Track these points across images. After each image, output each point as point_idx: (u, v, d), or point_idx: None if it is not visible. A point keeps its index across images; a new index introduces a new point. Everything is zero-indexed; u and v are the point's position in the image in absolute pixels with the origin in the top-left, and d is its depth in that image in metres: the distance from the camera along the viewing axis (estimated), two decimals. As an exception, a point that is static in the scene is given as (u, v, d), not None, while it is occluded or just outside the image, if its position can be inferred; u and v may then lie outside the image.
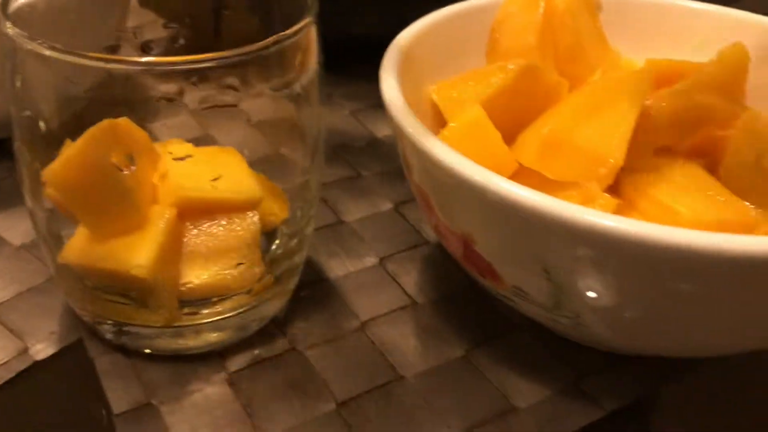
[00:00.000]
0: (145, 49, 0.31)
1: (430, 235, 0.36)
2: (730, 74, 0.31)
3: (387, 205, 0.38)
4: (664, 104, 0.30)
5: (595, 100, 0.29)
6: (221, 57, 0.22)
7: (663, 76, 0.33)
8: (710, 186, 0.29)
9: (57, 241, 0.28)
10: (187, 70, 0.23)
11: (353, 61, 0.48)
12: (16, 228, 0.35)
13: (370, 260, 0.34)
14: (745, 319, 0.24)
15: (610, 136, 0.28)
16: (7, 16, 0.24)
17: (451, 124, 0.29)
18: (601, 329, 0.26)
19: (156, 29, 0.33)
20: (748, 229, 0.28)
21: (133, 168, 0.25)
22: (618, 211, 0.28)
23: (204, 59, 0.22)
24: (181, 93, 0.25)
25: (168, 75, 0.23)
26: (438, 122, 0.33)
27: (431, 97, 0.32)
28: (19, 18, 0.26)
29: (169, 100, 0.25)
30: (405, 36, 0.32)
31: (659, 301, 0.23)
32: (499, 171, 0.29)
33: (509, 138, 0.31)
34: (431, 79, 0.33)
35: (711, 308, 0.23)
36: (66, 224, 0.28)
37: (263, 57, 0.23)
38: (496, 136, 0.29)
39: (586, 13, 0.35)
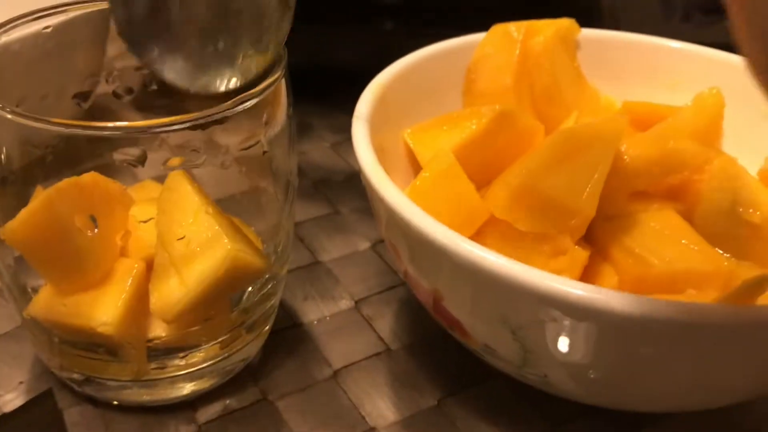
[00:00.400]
0: (117, 95, 0.30)
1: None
2: (706, 119, 0.31)
3: (364, 244, 0.38)
4: (638, 149, 0.30)
5: (567, 148, 0.29)
6: (185, 120, 0.22)
7: (638, 119, 0.33)
8: (684, 234, 0.29)
9: (22, 292, 0.28)
10: (151, 134, 0.22)
11: (336, 89, 0.48)
12: (-11, 270, 0.35)
13: (346, 303, 0.34)
14: (707, 379, 0.24)
15: (581, 186, 0.28)
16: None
17: (423, 174, 0.29)
18: (569, 386, 0.26)
19: (129, 73, 0.33)
20: (722, 279, 0.28)
21: (96, 230, 0.25)
22: (590, 261, 0.28)
23: (169, 123, 0.22)
24: (143, 159, 0.24)
25: (131, 139, 0.23)
26: (414, 165, 0.33)
27: (406, 142, 0.32)
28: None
29: (133, 165, 0.24)
30: (381, 79, 0.32)
31: (622, 362, 0.23)
32: (470, 221, 0.29)
33: (484, 183, 0.31)
34: (409, 119, 0.33)
35: (673, 369, 0.23)
36: (32, 274, 0.28)
37: (229, 116, 0.23)
38: (468, 186, 0.29)
39: (563, 53, 0.35)
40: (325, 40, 0.48)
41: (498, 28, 0.35)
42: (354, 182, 0.42)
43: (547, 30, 0.34)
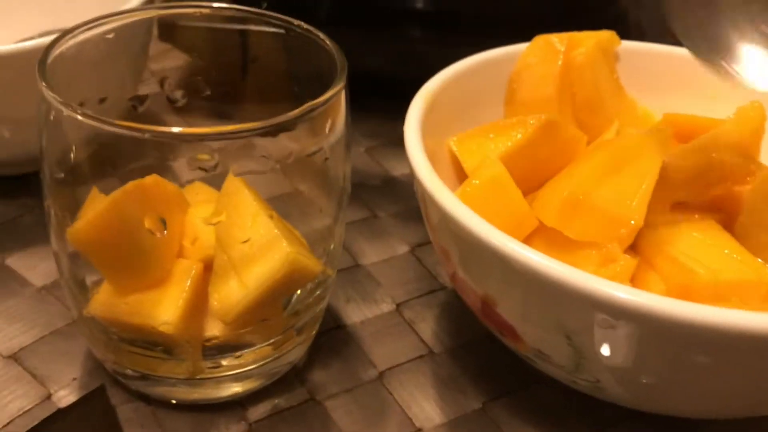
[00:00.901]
0: (171, 99, 0.31)
1: (446, 279, 0.36)
2: (747, 132, 0.32)
3: (403, 248, 0.38)
4: (681, 161, 0.31)
5: (615, 159, 0.29)
6: (255, 128, 0.23)
7: (680, 131, 0.34)
8: (726, 244, 0.30)
9: (81, 287, 0.29)
10: (223, 139, 0.23)
11: (370, 94, 0.49)
12: (38, 268, 0.35)
13: (387, 306, 0.35)
14: (759, 388, 0.24)
15: (630, 197, 0.28)
16: (44, 77, 0.25)
17: (472, 181, 0.30)
18: (620, 392, 0.26)
19: (181, 76, 0.34)
20: (765, 288, 0.28)
21: (165, 232, 0.26)
22: (637, 270, 0.29)
23: (234, 131, 0.23)
24: (215, 165, 0.25)
25: (196, 144, 0.23)
26: (458, 172, 0.33)
27: (452, 149, 0.33)
28: (52, 68, 0.26)
29: (205, 170, 0.25)
30: (428, 87, 0.33)
31: (675, 369, 0.24)
32: (519, 229, 0.29)
33: (527, 191, 0.31)
34: (453, 127, 0.34)
35: (727, 378, 0.24)
36: (90, 270, 0.28)
37: (297, 124, 0.24)
38: (517, 193, 0.29)
39: (604, 65, 0.35)
40: (355, 45, 0.48)
41: (540, 39, 0.35)
42: (390, 186, 0.43)
43: (589, 41, 0.35)
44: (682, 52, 0.37)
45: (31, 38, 0.47)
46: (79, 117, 0.23)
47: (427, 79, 0.35)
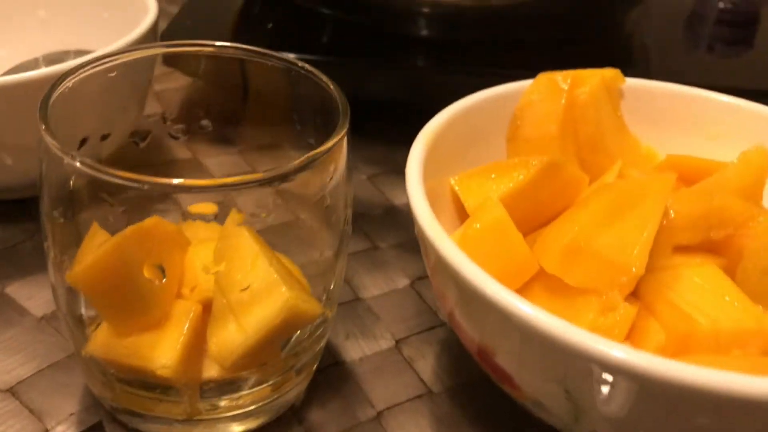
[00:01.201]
0: (173, 136, 0.31)
1: (444, 315, 0.36)
2: (751, 177, 0.32)
3: (403, 281, 0.38)
4: (684, 206, 0.30)
5: (617, 204, 0.29)
6: (255, 180, 0.23)
7: (683, 173, 0.34)
8: (727, 290, 0.29)
9: (78, 323, 0.29)
10: (219, 191, 0.23)
11: (370, 122, 0.49)
12: (38, 297, 0.35)
13: (386, 343, 0.35)
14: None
15: (632, 245, 0.28)
16: (45, 120, 0.25)
17: (473, 224, 0.30)
18: (618, 445, 0.26)
19: (183, 98, 0.34)
20: (765, 336, 0.28)
21: (164, 280, 0.26)
22: (637, 318, 0.28)
23: (239, 182, 0.23)
24: (217, 214, 0.25)
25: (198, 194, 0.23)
26: (460, 210, 0.33)
27: (453, 188, 0.33)
28: (54, 106, 0.26)
29: (206, 221, 0.25)
30: (430, 127, 0.32)
31: (674, 427, 0.24)
32: (520, 273, 0.29)
33: (528, 231, 0.31)
34: (456, 165, 0.34)
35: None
36: (88, 305, 0.28)
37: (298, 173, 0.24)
38: (518, 237, 0.29)
39: (607, 103, 0.35)
40: (359, 73, 0.49)
41: (544, 77, 0.35)
42: (392, 216, 0.43)
43: (593, 80, 0.35)
44: (687, 90, 0.37)
45: (35, 59, 0.47)
46: (78, 165, 0.23)
47: (430, 106, 0.35)
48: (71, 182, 0.25)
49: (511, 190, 0.31)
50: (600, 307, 0.28)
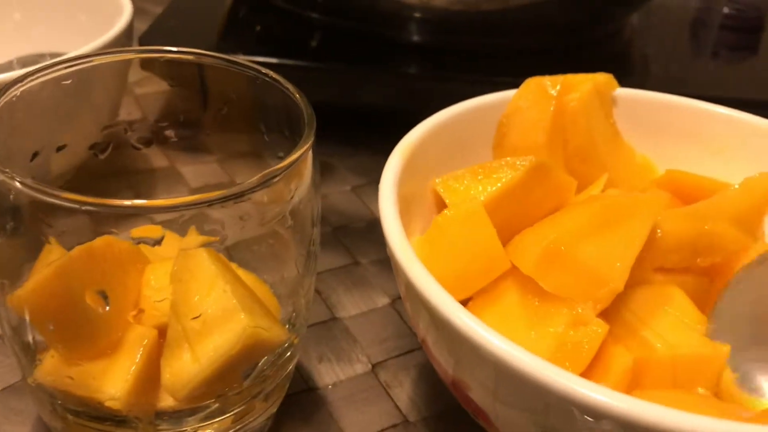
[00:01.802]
0: (135, 147, 0.29)
1: (427, 337, 0.34)
2: (751, 205, 0.30)
3: (383, 300, 0.36)
4: (673, 226, 0.29)
5: (604, 216, 0.27)
6: (207, 199, 0.21)
7: (681, 189, 0.32)
8: (689, 315, 0.28)
9: (26, 349, 0.27)
10: (173, 212, 0.21)
11: (358, 130, 0.47)
12: (-4, 314, 0.34)
13: (362, 367, 0.33)
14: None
15: (614, 258, 0.26)
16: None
17: (446, 212, 0.28)
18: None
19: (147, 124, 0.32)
20: (719, 363, 0.27)
21: (107, 308, 0.24)
22: (606, 339, 0.26)
23: (193, 202, 0.21)
24: (161, 240, 0.23)
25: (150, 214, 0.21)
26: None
27: (436, 190, 0.31)
28: (2, 116, 0.24)
29: (150, 245, 0.23)
30: (408, 140, 0.31)
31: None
32: (489, 269, 0.27)
33: (510, 236, 0.29)
34: (437, 173, 0.32)
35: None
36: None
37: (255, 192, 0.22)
38: (491, 231, 0.27)
39: (599, 110, 0.34)
40: (348, 80, 0.47)
41: (532, 82, 0.33)
42: (374, 230, 0.41)
43: (584, 86, 0.33)
44: (688, 102, 0.35)
45: (9, 62, 0.45)
46: (17, 185, 0.21)
47: (420, 113, 0.33)
48: (12, 201, 0.23)
49: (496, 192, 0.29)
50: (571, 319, 0.26)
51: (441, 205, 0.31)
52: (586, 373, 0.25)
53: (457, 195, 0.30)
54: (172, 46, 0.28)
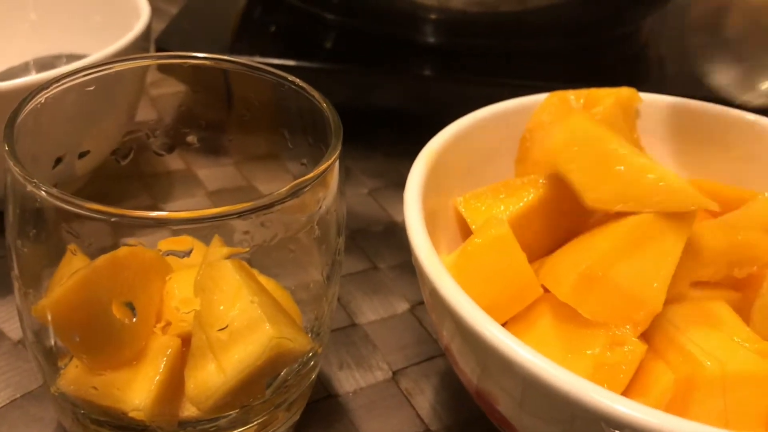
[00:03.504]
0: (158, 153, 0.29)
1: (447, 344, 0.34)
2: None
3: (403, 306, 0.36)
4: (706, 239, 0.28)
5: (637, 236, 0.27)
6: (237, 211, 0.21)
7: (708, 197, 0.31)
8: (737, 330, 0.27)
9: (48, 355, 0.26)
10: (201, 224, 0.21)
11: (374, 132, 0.47)
12: (16, 319, 0.33)
13: (383, 374, 0.33)
14: None
15: (650, 279, 0.26)
16: (10, 142, 0.23)
17: (474, 239, 0.27)
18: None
19: (172, 124, 0.32)
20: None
21: (134, 319, 0.24)
22: (645, 357, 0.26)
23: (222, 213, 0.21)
24: (190, 251, 0.23)
25: (176, 225, 0.21)
26: (464, 232, 0.31)
27: (458, 209, 0.31)
28: (26, 124, 0.24)
29: (179, 257, 0.23)
30: (433, 145, 0.30)
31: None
32: (521, 296, 0.27)
33: (537, 255, 0.29)
34: (458, 185, 0.32)
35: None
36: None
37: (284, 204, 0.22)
38: (522, 257, 0.27)
39: (623, 124, 0.33)
40: (363, 82, 0.47)
41: (555, 96, 0.33)
42: (393, 234, 0.41)
43: (608, 100, 0.33)
44: (711, 107, 0.35)
45: (25, 63, 0.45)
46: (43, 194, 0.21)
47: (436, 115, 0.33)
48: (38, 208, 0.23)
49: (519, 211, 0.29)
50: (608, 341, 0.25)
51: (464, 220, 0.31)
52: (627, 393, 0.25)
53: (479, 215, 0.30)
54: (188, 48, 0.28)
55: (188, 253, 0.23)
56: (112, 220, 0.21)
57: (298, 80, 0.27)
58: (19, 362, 0.32)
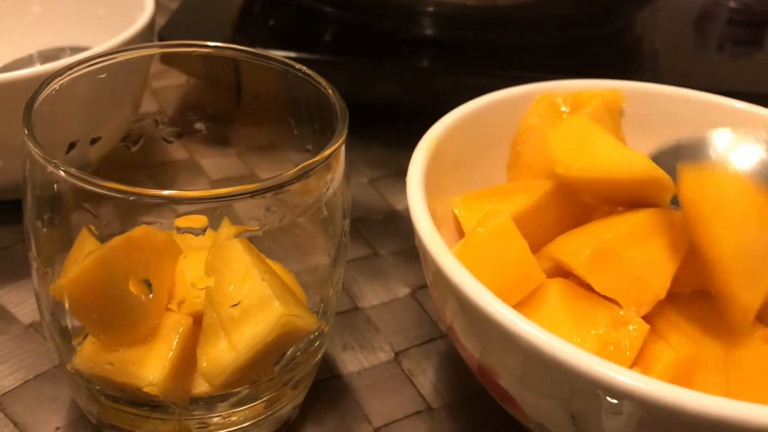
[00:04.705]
0: (166, 140, 0.30)
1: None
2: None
3: (403, 290, 0.37)
4: None
5: (646, 227, 0.28)
6: (249, 191, 0.22)
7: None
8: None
9: (63, 334, 0.27)
10: (213, 203, 0.22)
11: (373, 123, 0.48)
12: (27, 303, 0.34)
13: (385, 355, 0.33)
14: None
15: (658, 266, 0.27)
16: (29, 126, 0.24)
17: (477, 229, 0.28)
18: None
19: (177, 97, 0.32)
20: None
21: (150, 296, 0.24)
22: (648, 340, 0.27)
23: (233, 193, 0.22)
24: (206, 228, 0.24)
25: (190, 205, 0.22)
26: (460, 229, 0.32)
27: (453, 210, 0.32)
28: (41, 110, 0.25)
29: (195, 234, 0.24)
30: (433, 132, 0.31)
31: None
32: (524, 282, 0.28)
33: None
34: (458, 171, 0.32)
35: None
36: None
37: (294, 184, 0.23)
38: (523, 244, 0.28)
39: (609, 125, 0.34)
40: (361, 74, 0.47)
41: (543, 100, 0.34)
42: (393, 221, 0.42)
43: (594, 101, 0.34)
44: (702, 96, 0.36)
45: (29, 56, 0.46)
46: (62, 174, 0.22)
47: (433, 107, 0.34)
48: (56, 191, 0.23)
49: (515, 214, 0.30)
50: (612, 320, 0.27)
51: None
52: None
53: (474, 216, 0.31)
54: (192, 40, 0.29)
55: (203, 231, 0.24)
56: (131, 198, 0.22)
57: (304, 68, 0.28)
58: (31, 344, 0.32)
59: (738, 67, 0.54)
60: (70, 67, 0.26)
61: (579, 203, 0.30)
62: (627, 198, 0.29)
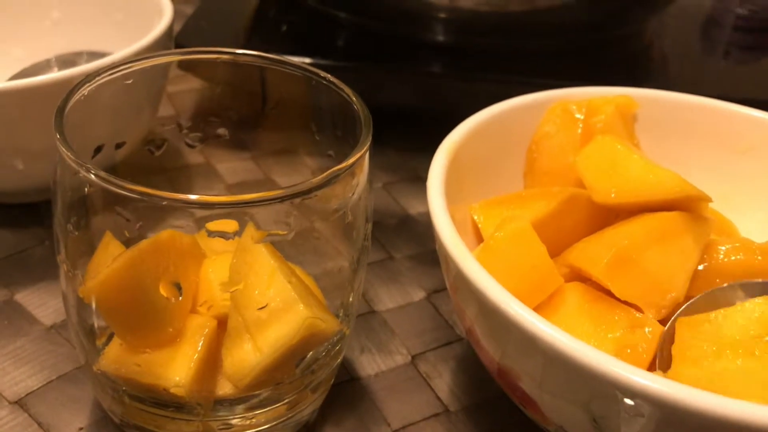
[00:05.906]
0: (189, 145, 0.30)
1: (462, 330, 0.35)
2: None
3: (419, 294, 0.37)
4: (728, 254, 0.30)
5: (662, 231, 0.28)
6: (276, 197, 0.22)
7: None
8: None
9: (89, 334, 0.28)
10: (239, 208, 0.22)
11: (386, 128, 0.48)
12: (48, 305, 0.35)
13: (402, 358, 0.34)
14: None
15: (676, 270, 0.28)
16: (61, 130, 0.24)
17: (496, 233, 0.29)
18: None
19: (197, 102, 0.33)
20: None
21: (180, 298, 0.25)
22: (660, 341, 0.28)
23: (260, 198, 0.22)
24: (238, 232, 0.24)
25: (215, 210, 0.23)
26: (478, 237, 0.33)
27: (472, 216, 0.32)
28: (70, 115, 0.25)
29: (226, 238, 0.24)
30: (453, 137, 0.32)
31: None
32: (542, 286, 0.28)
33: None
34: (477, 176, 0.33)
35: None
36: (100, 316, 0.28)
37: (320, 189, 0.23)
38: (542, 249, 0.28)
39: (623, 131, 0.35)
40: (375, 79, 0.48)
41: (558, 107, 0.34)
42: (407, 226, 0.42)
43: (607, 107, 0.34)
44: (713, 103, 0.36)
45: (47, 60, 0.46)
46: (93, 178, 0.22)
47: (447, 112, 0.34)
48: (86, 194, 0.24)
49: (533, 221, 0.30)
50: (628, 323, 0.27)
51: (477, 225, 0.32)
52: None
53: (493, 223, 0.31)
54: (208, 47, 0.29)
55: (234, 235, 0.24)
56: (156, 202, 0.22)
57: (329, 76, 0.28)
58: (53, 346, 0.33)
59: (745, 73, 0.55)
60: (98, 73, 0.27)
61: (596, 210, 0.31)
62: (660, 209, 0.30)
